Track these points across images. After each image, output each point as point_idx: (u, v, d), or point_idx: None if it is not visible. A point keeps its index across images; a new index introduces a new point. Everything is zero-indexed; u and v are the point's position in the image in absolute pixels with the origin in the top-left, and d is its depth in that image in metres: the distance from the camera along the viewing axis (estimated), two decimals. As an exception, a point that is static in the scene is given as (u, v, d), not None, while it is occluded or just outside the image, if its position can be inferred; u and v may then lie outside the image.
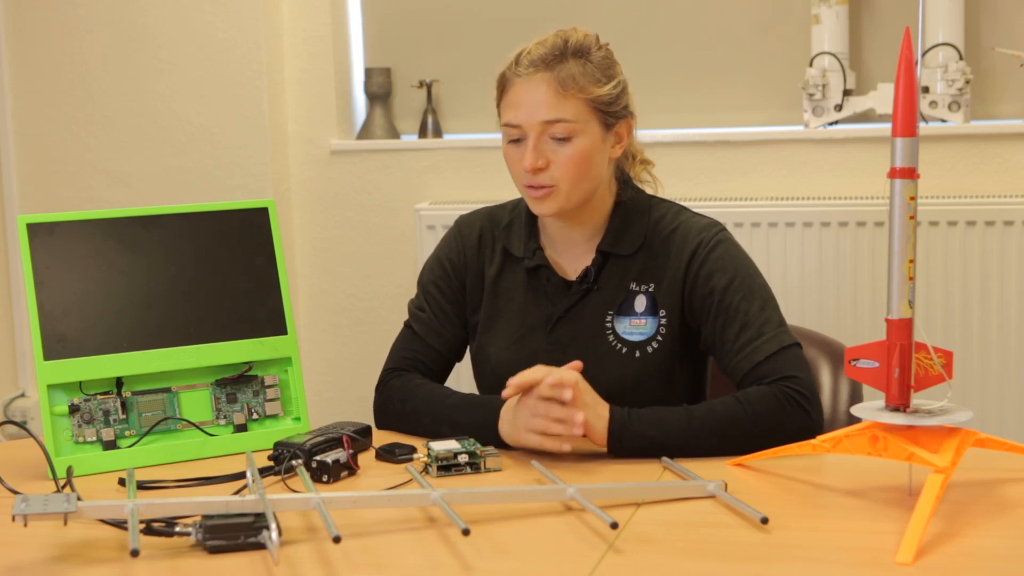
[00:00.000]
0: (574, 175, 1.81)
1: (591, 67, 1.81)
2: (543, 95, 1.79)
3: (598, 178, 1.85)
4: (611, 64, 1.85)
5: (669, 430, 1.70)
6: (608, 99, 1.82)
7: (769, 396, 1.73)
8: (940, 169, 3.24)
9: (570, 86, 1.79)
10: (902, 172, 1.44)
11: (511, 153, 1.84)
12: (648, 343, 1.86)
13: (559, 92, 1.79)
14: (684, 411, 1.73)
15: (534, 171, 1.80)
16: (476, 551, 1.37)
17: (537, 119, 1.79)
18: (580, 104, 1.80)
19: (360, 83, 3.74)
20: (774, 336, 1.79)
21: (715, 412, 1.72)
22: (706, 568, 1.32)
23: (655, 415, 1.72)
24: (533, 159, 1.80)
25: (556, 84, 1.79)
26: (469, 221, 2.01)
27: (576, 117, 1.80)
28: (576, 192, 1.83)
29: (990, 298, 3.12)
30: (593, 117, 1.81)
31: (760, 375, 1.77)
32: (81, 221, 1.79)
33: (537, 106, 1.79)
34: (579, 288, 1.89)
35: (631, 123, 1.88)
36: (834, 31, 3.27)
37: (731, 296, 1.81)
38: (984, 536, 1.38)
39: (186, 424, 1.82)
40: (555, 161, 1.80)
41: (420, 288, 2.03)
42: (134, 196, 3.68)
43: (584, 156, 1.81)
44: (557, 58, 1.80)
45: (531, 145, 1.80)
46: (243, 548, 1.38)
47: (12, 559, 1.39)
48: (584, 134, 1.81)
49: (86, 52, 3.69)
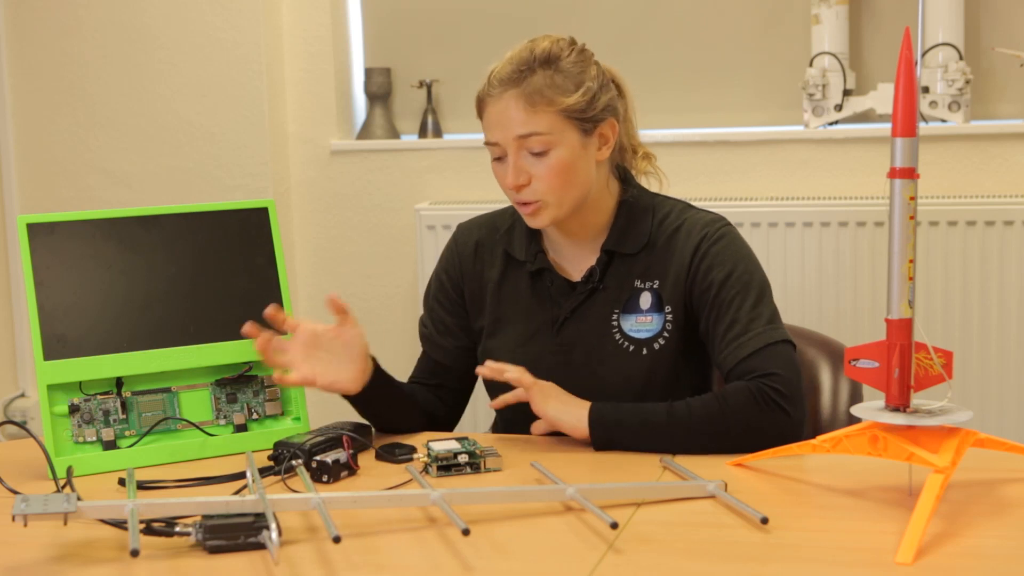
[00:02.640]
0: (558, 186, 1.81)
1: (559, 77, 1.80)
2: (513, 112, 1.79)
3: (586, 183, 1.85)
4: (582, 69, 1.82)
5: (647, 421, 1.72)
6: (580, 107, 1.80)
7: (745, 393, 1.73)
8: (940, 169, 3.24)
9: (538, 100, 1.78)
10: (902, 172, 1.44)
11: (497, 171, 1.85)
12: (655, 340, 1.86)
13: (527, 108, 1.78)
14: (665, 406, 1.74)
15: (517, 188, 1.81)
16: (476, 551, 1.37)
17: (511, 136, 1.80)
18: (551, 116, 1.79)
19: (360, 83, 3.74)
20: (762, 332, 1.79)
21: (693, 408, 1.73)
22: (706, 568, 1.32)
23: (634, 408, 1.74)
24: (514, 177, 1.80)
25: (523, 100, 1.79)
26: (466, 229, 2.02)
27: (549, 129, 1.79)
28: (566, 201, 1.82)
29: (990, 298, 3.12)
30: (568, 126, 1.80)
31: (743, 371, 1.77)
32: (81, 221, 1.79)
33: (509, 124, 1.80)
34: (584, 288, 1.89)
35: (614, 123, 1.86)
36: (834, 31, 3.27)
37: (727, 290, 1.82)
38: (984, 536, 1.38)
39: (186, 424, 1.82)
40: (536, 175, 1.80)
41: (424, 306, 2.04)
42: (134, 196, 3.68)
43: (564, 166, 1.80)
44: (524, 73, 1.79)
45: (511, 163, 1.81)
46: (243, 548, 1.38)
47: (12, 559, 1.39)
48: (561, 144, 1.80)
49: (86, 52, 3.69)
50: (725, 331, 1.80)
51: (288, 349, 1.78)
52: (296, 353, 1.78)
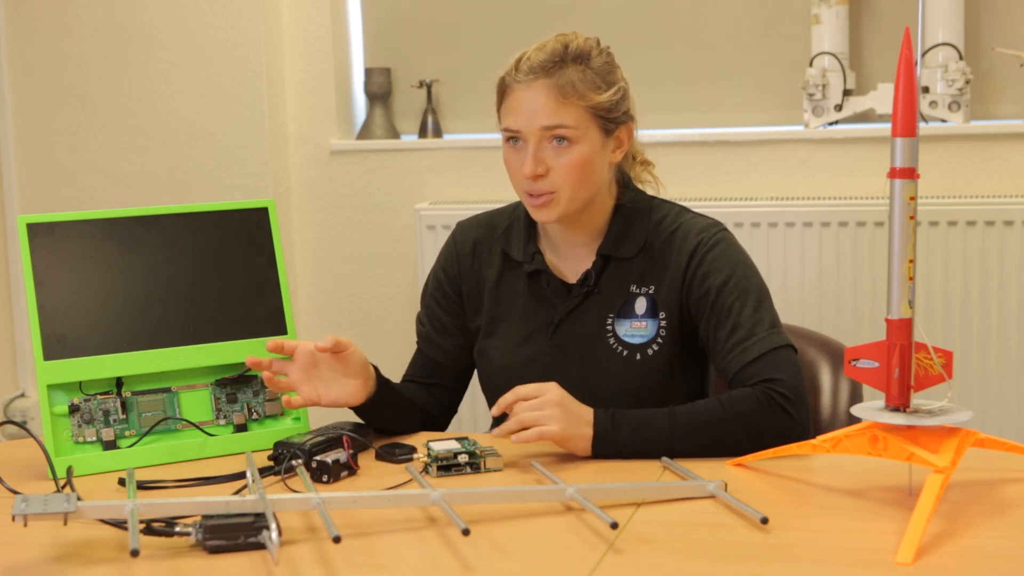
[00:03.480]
0: (574, 181, 1.80)
1: (591, 73, 1.80)
2: (542, 102, 1.79)
3: (598, 184, 1.85)
4: (611, 70, 1.83)
5: (651, 430, 1.71)
6: (608, 106, 1.81)
7: (750, 398, 1.73)
8: (940, 169, 3.24)
9: (569, 93, 1.78)
10: (902, 172, 1.44)
11: (511, 159, 1.84)
12: (648, 345, 1.85)
13: (558, 99, 1.78)
14: (667, 412, 1.72)
15: (534, 178, 1.80)
16: (476, 551, 1.37)
17: (536, 125, 1.79)
18: (579, 111, 1.79)
19: (360, 83, 3.74)
20: (764, 337, 1.78)
21: (697, 413, 1.72)
22: (706, 568, 1.32)
23: (638, 416, 1.72)
24: (533, 166, 1.79)
25: (555, 91, 1.78)
26: (464, 228, 2.01)
27: (576, 124, 1.79)
28: (577, 198, 1.82)
29: (990, 298, 3.12)
30: (593, 124, 1.81)
31: (746, 376, 1.76)
32: (81, 221, 1.79)
33: (536, 112, 1.79)
34: (579, 291, 1.89)
35: (631, 127, 1.87)
36: (834, 31, 3.27)
37: (725, 296, 1.81)
38: (984, 536, 1.38)
39: (186, 424, 1.82)
40: (555, 168, 1.80)
41: (422, 304, 2.04)
42: (134, 196, 3.68)
43: (584, 162, 1.80)
44: (557, 64, 1.79)
45: (531, 152, 1.80)
46: (243, 548, 1.38)
47: (12, 559, 1.39)
48: (584, 140, 1.80)
49: (86, 52, 3.69)
50: (727, 336, 1.80)
51: (289, 372, 1.78)
52: (297, 375, 1.78)
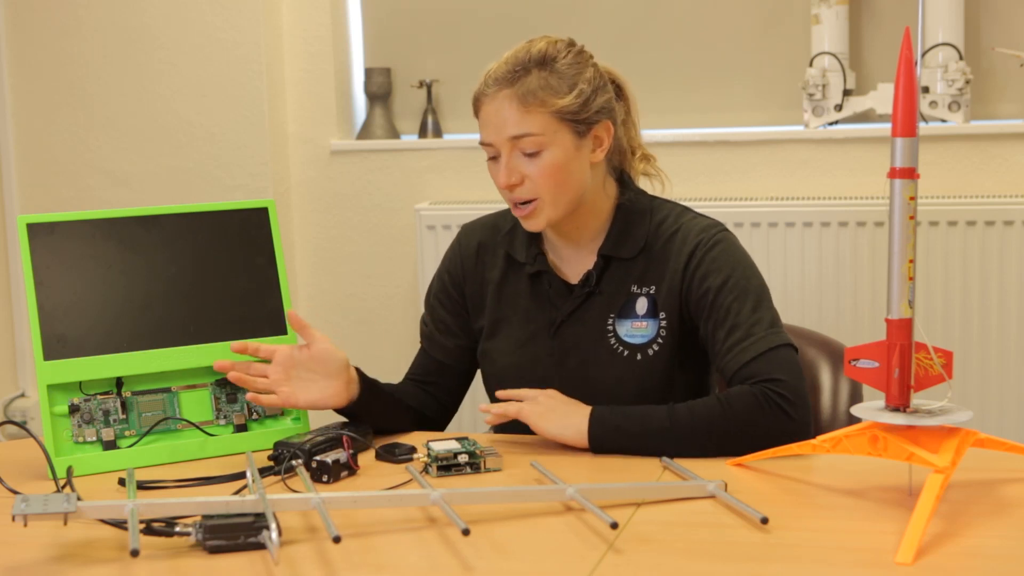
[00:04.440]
0: (552, 186, 1.81)
1: (554, 78, 1.80)
2: (507, 112, 1.79)
3: (580, 185, 1.84)
4: (578, 71, 1.82)
5: (648, 426, 1.71)
6: (573, 108, 1.80)
7: (749, 397, 1.73)
8: (940, 169, 3.24)
9: (531, 100, 1.78)
10: (902, 172, 1.44)
11: (492, 171, 1.85)
12: (649, 345, 1.86)
13: (521, 108, 1.79)
14: (666, 409, 1.73)
15: (510, 188, 1.82)
16: (476, 551, 1.37)
17: (504, 136, 1.80)
18: (544, 116, 1.79)
19: (360, 83, 3.74)
20: (763, 337, 1.78)
21: (695, 411, 1.73)
22: (706, 568, 1.32)
23: (636, 411, 1.73)
24: (506, 176, 1.81)
25: (517, 100, 1.79)
26: (469, 231, 2.02)
27: (542, 130, 1.79)
28: (560, 203, 1.82)
29: (990, 298, 3.12)
30: (562, 127, 1.80)
31: (746, 376, 1.76)
32: (81, 221, 1.79)
33: (503, 124, 1.80)
34: (581, 292, 1.89)
35: (610, 125, 1.86)
36: (834, 31, 3.27)
37: (724, 296, 1.81)
38: (984, 536, 1.38)
39: (186, 424, 1.82)
40: (529, 175, 1.81)
41: (426, 305, 2.04)
42: (134, 196, 3.68)
43: (557, 167, 1.80)
44: (519, 72, 1.80)
45: (503, 163, 1.81)
46: (243, 548, 1.38)
47: (12, 559, 1.39)
48: (554, 145, 1.80)
49: (86, 52, 3.69)
50: (726, 336, 1.80)
51: (269, 374, 1.79)
52: (277, 376, 1.79)
